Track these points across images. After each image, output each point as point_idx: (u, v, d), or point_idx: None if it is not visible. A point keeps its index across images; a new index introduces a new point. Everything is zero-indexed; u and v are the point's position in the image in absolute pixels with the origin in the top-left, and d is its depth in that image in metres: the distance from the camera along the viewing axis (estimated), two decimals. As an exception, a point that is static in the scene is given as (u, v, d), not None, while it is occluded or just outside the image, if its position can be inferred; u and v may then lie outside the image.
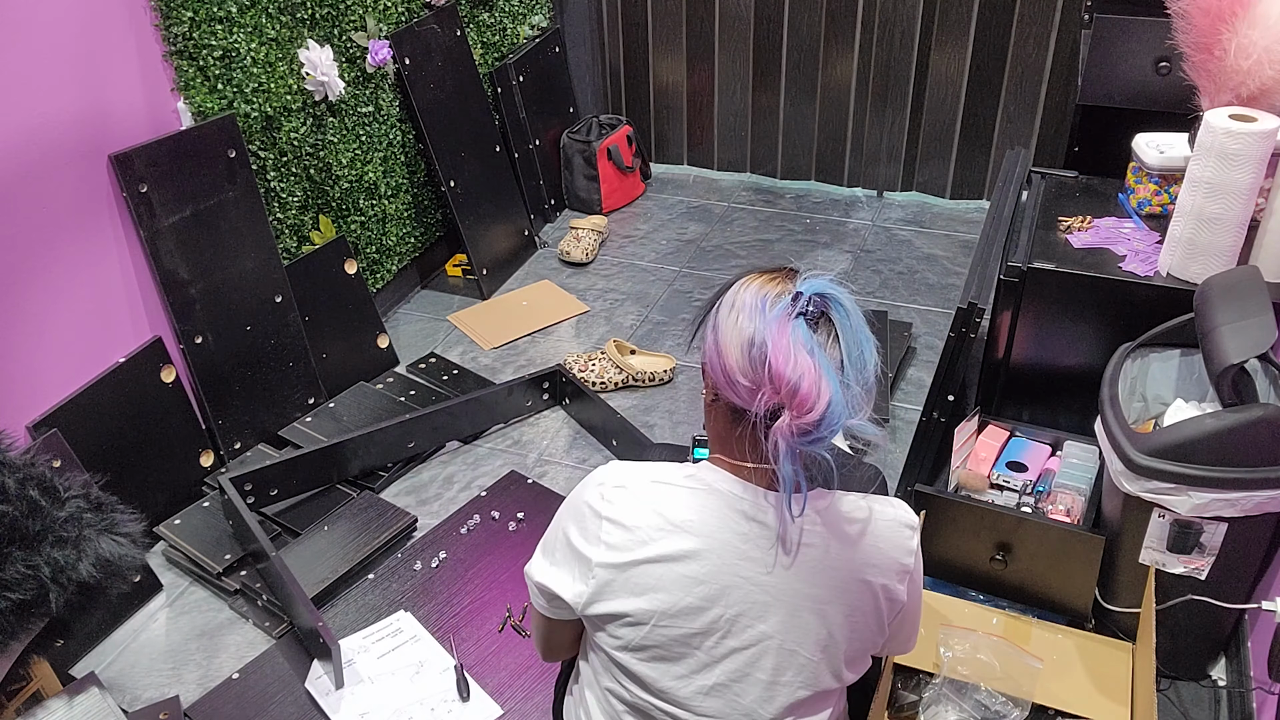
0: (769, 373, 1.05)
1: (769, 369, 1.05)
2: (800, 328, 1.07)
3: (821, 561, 1.13)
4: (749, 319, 1.09)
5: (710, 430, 1.21)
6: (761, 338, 1.07)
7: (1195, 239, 1.78)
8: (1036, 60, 3.05)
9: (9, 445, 1.52)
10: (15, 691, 1.59)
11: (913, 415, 2.35)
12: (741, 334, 1.09)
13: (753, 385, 1.07)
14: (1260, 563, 1.65)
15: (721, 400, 1.14)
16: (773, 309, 1.08)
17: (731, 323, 1.11)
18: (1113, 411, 1.64)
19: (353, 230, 2.66)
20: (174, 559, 2.09)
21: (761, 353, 1.06)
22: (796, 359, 1.04)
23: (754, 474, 1.14)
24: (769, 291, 1.12)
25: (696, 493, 1.15)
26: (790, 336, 1.06)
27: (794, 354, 1.05)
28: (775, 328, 1.06)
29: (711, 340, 1.14)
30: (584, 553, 1.14)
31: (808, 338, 1.07)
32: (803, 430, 1.04)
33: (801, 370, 1.04)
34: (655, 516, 1.13)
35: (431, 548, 2.07)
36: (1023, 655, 1.65)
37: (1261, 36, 1.75)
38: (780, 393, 1.05)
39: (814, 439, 1.05)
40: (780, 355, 1.05)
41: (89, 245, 1.98)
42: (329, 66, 2.41)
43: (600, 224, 3.22)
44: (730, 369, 1.09)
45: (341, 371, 2.55)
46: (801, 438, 1.04)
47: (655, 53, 3.51)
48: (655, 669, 1.15)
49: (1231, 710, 1.68)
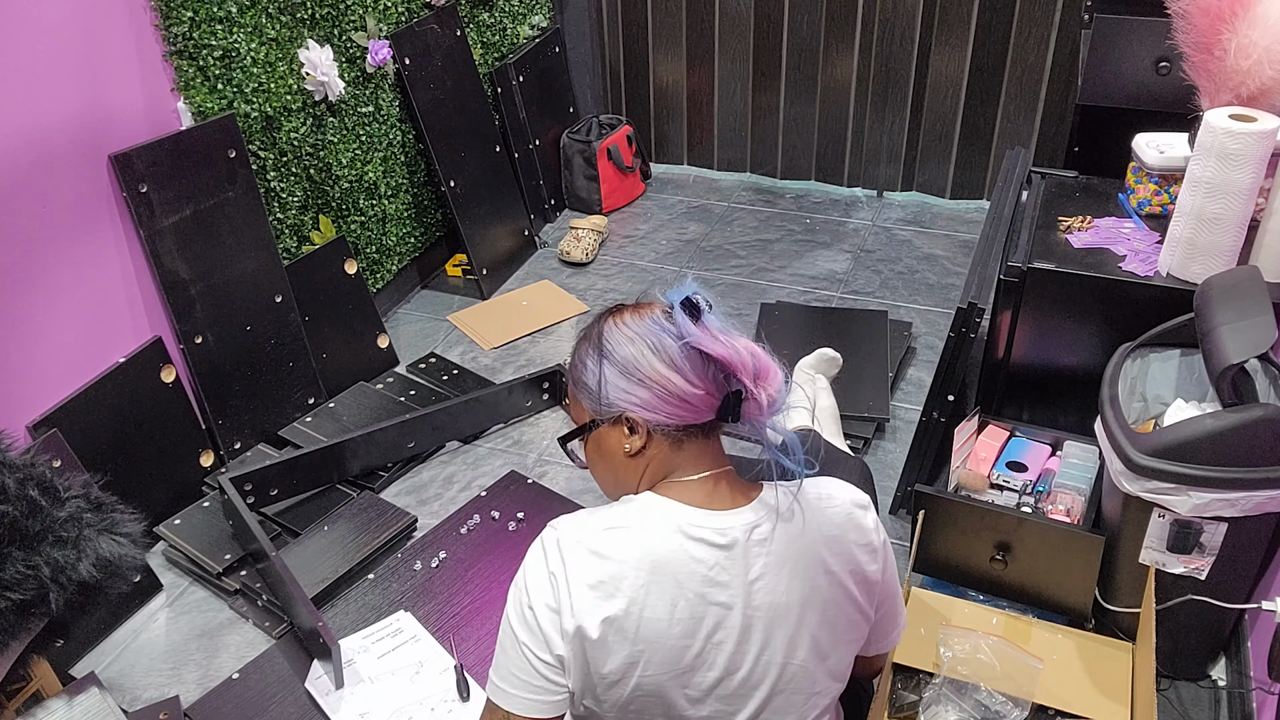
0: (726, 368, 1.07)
1: (722, 365, 1.07)
2: (712, 320, 1.09)
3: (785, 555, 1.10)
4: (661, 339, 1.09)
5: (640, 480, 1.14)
6: (689, 345, 1.07)
7: (1195, 239, 1.78)
8: (1036, 60, 3.05)
9: (9, 445, 1.52)
10: (15, 691, 1.60)
11: (913, 415, 2.35)
12: (666, 352, 1.08)
13: (704, 390, 1.07)
14: (1260, 563, 1.65)
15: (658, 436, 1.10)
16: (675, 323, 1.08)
17: (646, 356, 1.09)
18: (1113, 411, 1.64)
19: (353, 230, 2.66)
20: (174, 559, 2.09)
21: (696, 361, 1.07)
22: (733, 341, 1.07)
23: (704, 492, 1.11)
24: (650, 314, 1.12)
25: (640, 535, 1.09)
26: (714, 329, 1.08)
27: (727, 339, 1.07)
28: (694, 331, 1.07)
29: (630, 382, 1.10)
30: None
31: (723, 323, 1.10)
32: (771, 400, 1.07)
33: (746, 348, 1.08)
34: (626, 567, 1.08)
35: (431, 548, 2.07)
36: (1023, 655, 1.65)
37: (1261, 36, 1.75)
38: (745, 376, 1.07)
39: (777, 407, 1.08)
40: (723, 348, 1.06)
41: (89, 245, 1.98)
42: (329, 66, 2.41)
43: (600, 224, 3.22)
44: (676, 389, 1.07)
45: (341, 371, 2.55)
46: (770, 408, 1.08)
47: (655, 53, 3.51)
48: None
49: (1231, 710, 1.68)
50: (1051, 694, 1.60)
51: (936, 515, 1.77)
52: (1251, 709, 1.62)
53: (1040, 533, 1.71)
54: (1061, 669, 1.65)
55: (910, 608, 1.76)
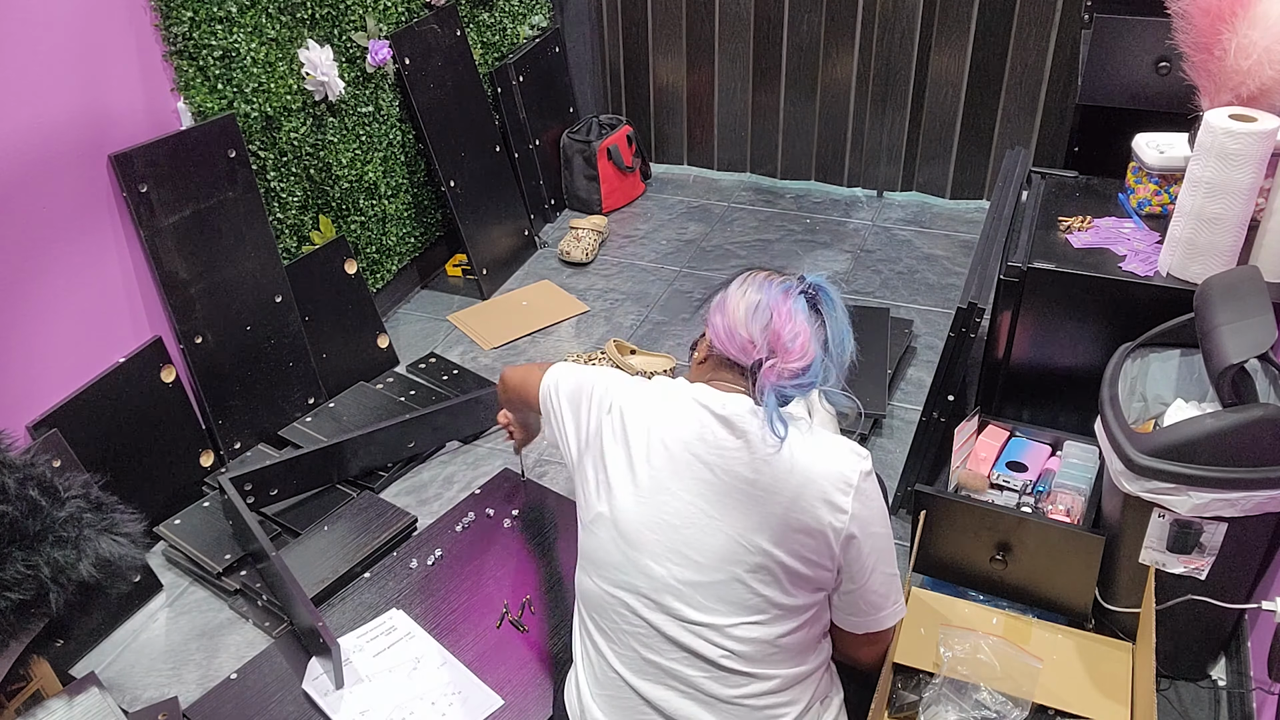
0: (770, 329, 1.28)
1: (770, 326, 1.29)
2: (801, 302, 1.31)
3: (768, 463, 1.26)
4: (756, 290, 1.33)
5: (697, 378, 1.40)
6: (767, 303, 1.30)
7: (1195, 239, 1.78)
8: (1036, 60, 3.05)
9: (9, 445, 1.52)
10: (15, 691, 1.60)
11: (913, 415, 2.35)
12: (748, 300, 1.32)
13: (750, 339, 1.30)
14: (1260, 563, 1.65)
15: (713, 357, 1.37)
16: (778, 286, 1.33)
17: (741, 293, 1.34)
18: (1113, 411, 1.64)
19: (353, 230, 2.66)
20: (174, 559, 2.09)
21: (765, 315, 1.29)
22: (795, 322, 1.29)
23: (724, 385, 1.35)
24: (775, 278, 1.35)
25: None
26: (791, 305, 1.30)
27: (793, 318, 1.29)
28: (780, 297, 1.31)
29: (719, 305, 1.36)
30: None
31: (805, 310, 1.31)
32: (788, 374, 1.27)
33: (798, 331, 1.28)
34: None
35: (427, 546, 2.07)
36: (1023, 655, 1.64)
37: (1261, 36, 1.75)
38: (775, 346, 1.28)
39: (795, 383, 1.27)
40: (782, 317, 1.29)
41: (89, 245, 1.98)
42: (329, 66, 2.41)
43: (600, 224, 3.22)
44: (733, 325, 1.32)
45: (341, 371, 2.55)
46: (782, 380, 1.27)
47: (655, 53, 3.51)
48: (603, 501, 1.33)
49: (1231, 710, 1.68)
50: (1051, 694, 1.60)
51: (936, 515, 1.77)
52: (1251, 709, 1.62)
53: (1040, 533, 1.71)
54: (1061, 669, 1.65)
55: (910, 608, 1.76)
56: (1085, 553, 1.68)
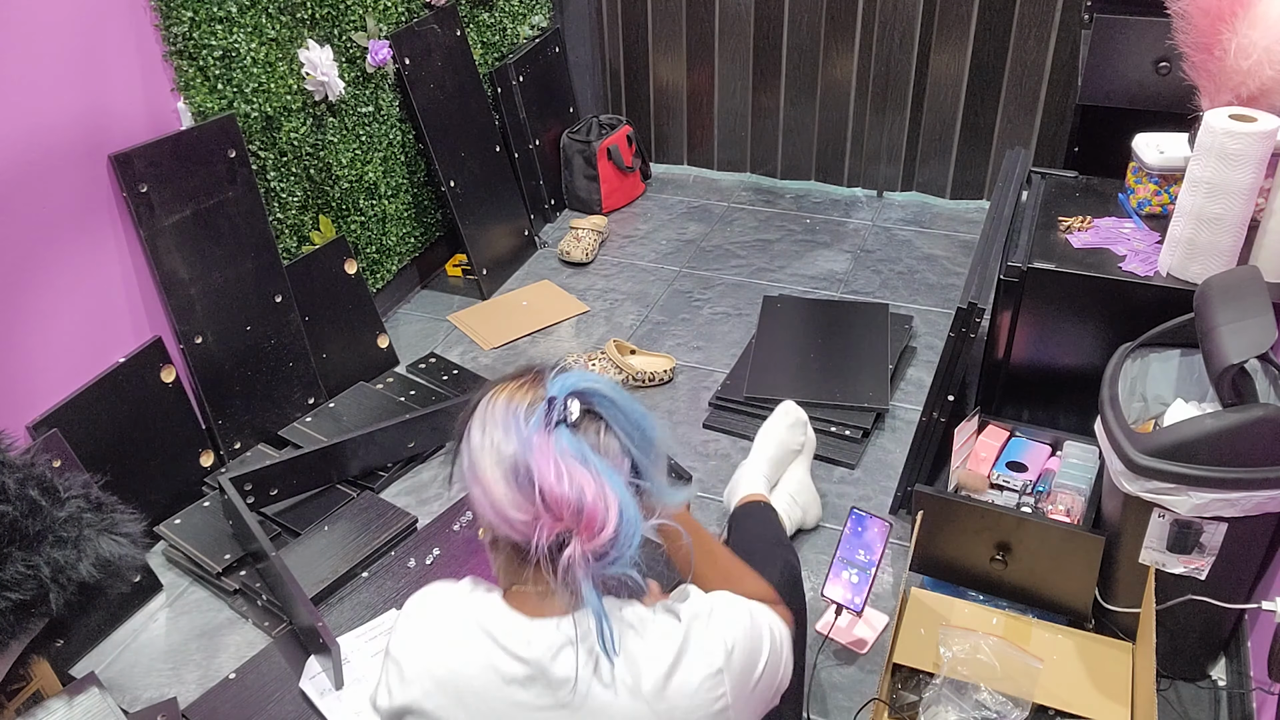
0: (543, 498, 0.92)
1: (541, 493, 0.92)
2: (564, 436, 0.95)
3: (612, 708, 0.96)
4: (506, 439, 0.96)
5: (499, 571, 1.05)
6: (524, 459, 0.94)
7: (1195, 239, 1.78)
8: (1036, 60, 3.05)
9: (9, 445, 1.52)
10: (15, 691, 1.59)
11: (913, 415, 2.35)
12: (502, 459, 0.96)
13: (529, 516, 0.94)
14: (1260, 563, 1.65)
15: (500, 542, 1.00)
16: (528, 422, 0.96)
17: (488, 448, 0.97)
18: (1113, 411, 1.64)
19: (353, 230, 2.66)
20: (174, 559, 2.09)
21: (526, 477, 0.93)
22: (570, 474, 0.92)
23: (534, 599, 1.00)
24: (519, 402, 0.99)
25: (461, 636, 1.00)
26: (556, 450, 0.93)
27: (565, 469, 0.92)
28: (536, 443, 0.94)
29: (471, 477, 0.99)
30: None
31: (576, 446, 0.94)
32: (598, 554, 0.93)
33: (580, 485, 0.92)
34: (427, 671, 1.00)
35: (425, 545, 2.07)
36: (1023, 655, 1.65)
37: (1261, 36, 1.75)
38: (563, 518, 0.92)
39: (613, 560, 0.94)
40: (550, 474, 0.92)
41: (89, 245, 1.98)
42: (329, 66, 2.41)
43: (600, 224, 3.22)
44: (499, 503, 0.95)
45: (341, 371, 2.55)
46: (599, 563, 0.93)
47: (655, 53, 3.51)
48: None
49: (1231, 710, 1.68)
50: (1051, 694, 1.60)
51: (936, 515, 1.77)
52: (1251, 709, 1.62)
53: (1040, 533, 1.71)
54: (1061, 669, 1.65)
55: (910, 608, 1.76)
56: (1085, 553, 1.68)
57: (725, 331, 2.75)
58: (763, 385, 2.44)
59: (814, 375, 2.47)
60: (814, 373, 2.48)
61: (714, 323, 2.79)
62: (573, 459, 0.94)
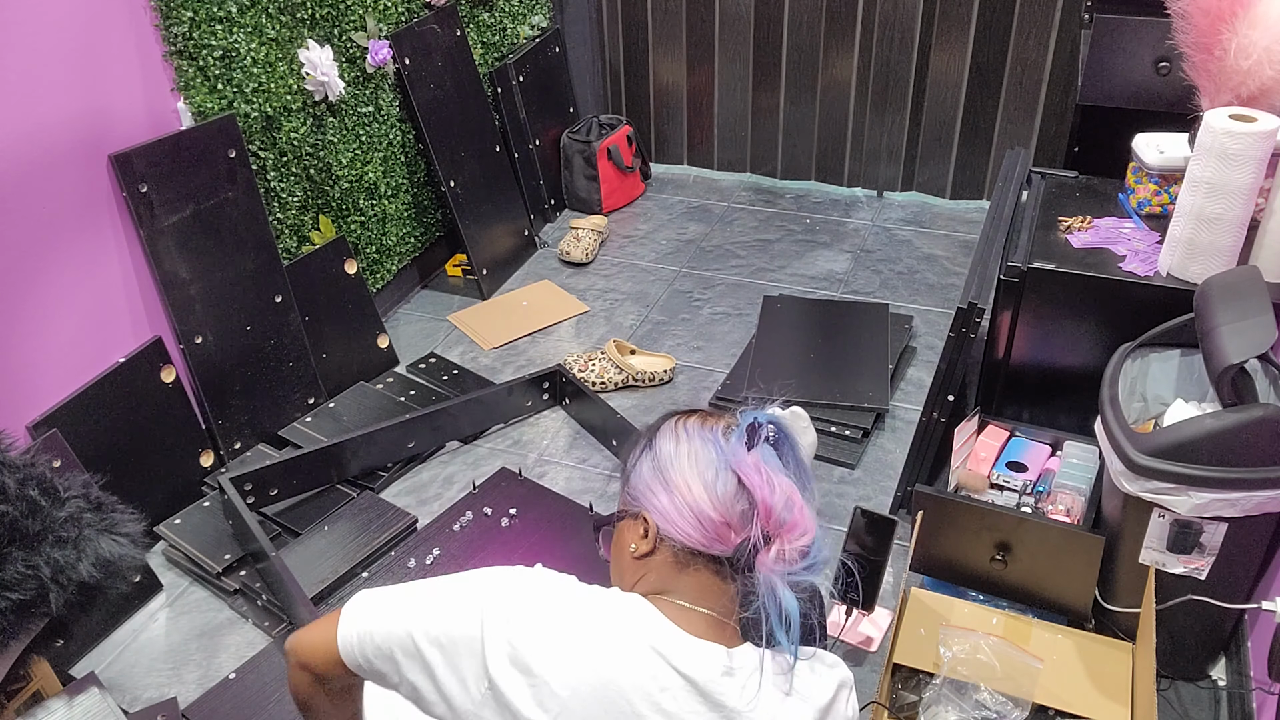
0: (750, 504, 0.99)
1: (749, 500, 0.99)
2: (770, 454, 1.02)
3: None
4: (706, 452, 1.02)
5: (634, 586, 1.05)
6: (728, 470, 1.00)
7: (1195, 239, 1.78)
8: (1036, 60, 3.05)
9: (9, 445, 1.52)
10: (15, 691, 1.59)
11: (913, 415, 2.35)
12: (702, 470, 1.01)
13: (726, 520, 0.99)
14: (1260, 563, 1.65)
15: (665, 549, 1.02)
16: (729, 441, 1.03)
17: (685, 461, 1.03)
18: (1113, 411, 1.64)
19: (353, 230, 2.66)
20: (174, 559, 2.09)
21: (730, 486, 0.99)
22: (777, 483, 0.99)
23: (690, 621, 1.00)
24: (714, 425, 1.06)
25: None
26: (765, 463, 1.01)
27: (773, 479, 0.99)
28: (743, 457, 1.00)
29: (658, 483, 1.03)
30: None
31: (779, 463, 1.02)
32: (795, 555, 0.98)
33: (787, 493, 0.99)
34: None
35: (425, 545, 2.07)
36: (1023, 655, 1.65)
37: (1261, 36, 1.75)
38: (770, 520, 0.98)
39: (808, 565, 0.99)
40: (761, 482, 0.99)
41: (89, 245, 1.98)
42: (329, 66, 2.41)
43: (600, 224, 3.22)
44: (698, 506, 1.00)
45: (341, 371, 2.55)
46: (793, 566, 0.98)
47: (655, 53, 3.51)
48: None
49: (1231, 710, 1.68)
50: (1051, 694, 1.60)
51: (936, 515, 1.77)
52: (1251, 709, 1.62)
53: (1040, 533, 1.71)
54: (1061, 669, 1.65)
55: (910, 608, 1.76)
56: (1085, 553, 1.68)
57: (725, 331, 2.75)
58: (763, 385, 2.44)
59: (814, 375, 2.47)
60: (814, 373, 2.48)
61: (714, 323, 2.79)
62: (777, 469, 1.01)
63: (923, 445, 2.03)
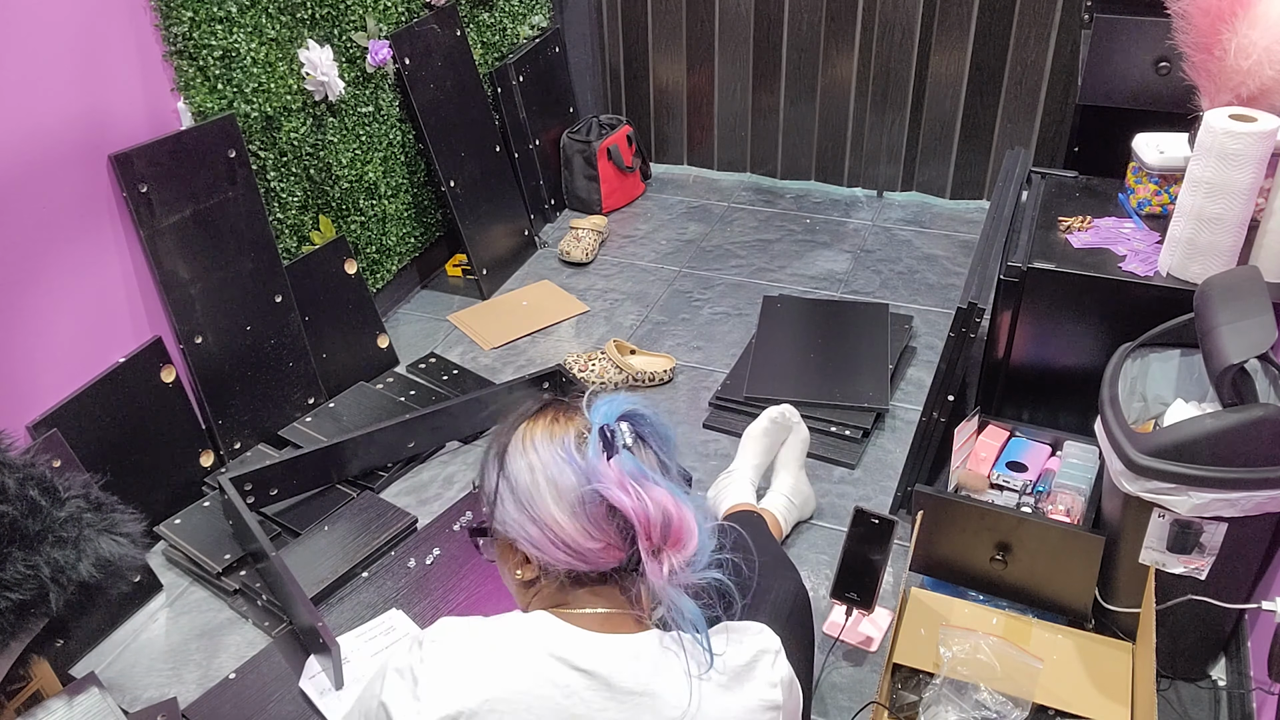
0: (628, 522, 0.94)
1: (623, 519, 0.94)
2: (627, 461, 0.96)
3: None
4: (562, 473, 0.96)
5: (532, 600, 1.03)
6: (591, 490, 0.94)
7: (1195, 239, 1.78)
8: (1036, 60, 3.05)
9: (9, 445, 1.52)
10: (15, 691, 1.59)
11: (913, 415, 2.35)
12: (563, 493, 0.96)
13: (605, 542, 0.96)
14: (1260, 563, 1.65)
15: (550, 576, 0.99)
16: (582, 453, 0.96)
17: (543, 489, 0.97)
18: (1113, 411, 1.64)
19: (353, 230, 2.66)
20: (174, 559, 2.09)
21: (599, 507, 0.94)
22: (647, 496, 0.94)
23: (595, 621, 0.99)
24: (563, 435, 0.99)
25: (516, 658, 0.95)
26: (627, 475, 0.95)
27: (642, 492, 0.94)
28: (603, 470, 0.94)
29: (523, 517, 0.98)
30: None
31: (639, 468, 0.96)
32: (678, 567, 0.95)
33: (661, 503, 0.94)
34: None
35: (425, 545, 2.07)
36: (1023, 655, 1.65)
37: (1261, 36, 1.75)
38: (649, 539, 0.94)
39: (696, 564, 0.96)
40: (629, 501, 0.93)
41: (89, 245, 1.98)
42: (329, 66, 2.41)
43: (600, 224, 3.22)
44: (569, 536, 0.95)
45: (341, 371, 2.55)
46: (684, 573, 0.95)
47: (655, 53, 3.51)
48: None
49: (1231, 710, 1.68)
50: (1051, 694, 1.60)
51: (936, 515, 1.77)
52: (1251, 709, 1.62)
53: (1040, 533, 1.71)
54: (1061, 669, 1.65)
55: (910, 608, 1.76)
56: (1085, 553, 1.68)
57: (725, 331, 2.75)
58: (762, 385, 2.44)
59: (814, 375, 2.47)
60: (814, 373, 2.48)
61: (714, 323, 2.79)
62: (644, 480, 0.96)
63: (923, 445, 2.03)
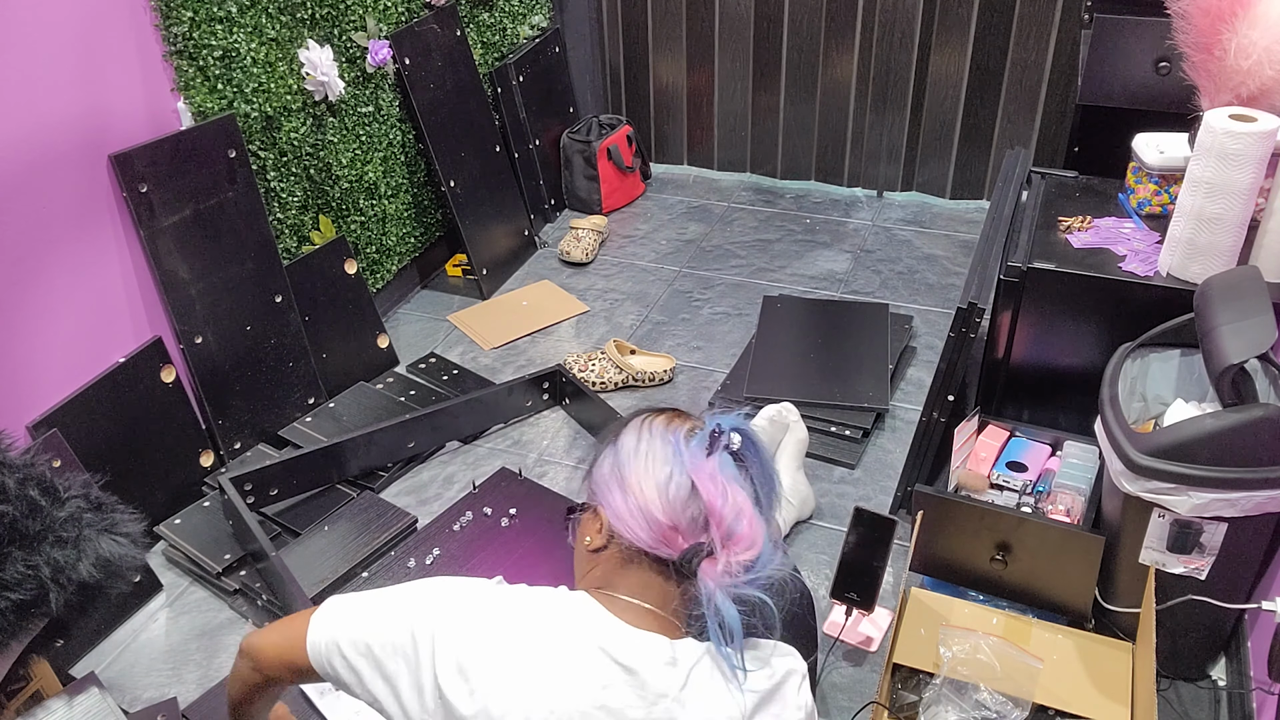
0: (702, 510, 1.00)
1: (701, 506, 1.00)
2: (728, 463, 1.03)
3: None
4: (664, 454, 1.04)
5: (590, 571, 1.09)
6: (684, 474, 1.01)
7: (1195, 239, 1.78)
8: (1036, 60, 3.05)
9: (9, 445, 1.52)
10: (15, 691, 1.60)
11: (913, 415, 2.35)
12: (657, 472, 1.03)
13: (674, 525, 1.01)
14: (1260, 563, 1.65)
15: (615, 545, 1.05)
16: (689, 445, 1.03)
17: (642, 461, 1.04)
18: (1113, 411, 1.64)
19: (353, 230, 2.66)
20: (174, 559, 2.09)
21: (683, 491, 1.01)
22: (731, 494, 1.00)
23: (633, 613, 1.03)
24: (678, 428, 1.07)
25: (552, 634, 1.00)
26: (718, 470, 1.01)
27: (728, 489, 1.00)
28: (700, 463, 1.01)
29: (614, 481, 1.05)
30: None
31: (736, 472, 1.03)
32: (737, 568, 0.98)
33: (739, 505, 1.00)
34: None
35: (425, 545, 2.07)
36: (1023, 655, 1.65)
37: (1261, 36, 1.75)
38: (718, 530, 0.99)
39: (751, 579, 0.99)
40: (714, 491, 0.99)
41: (89, 245, 1.98)
42: (329, 66, 2.41)
43: (600, 224, 3.22)
44: (648, 508, 1.01)
45: (341, 371, 2.55)
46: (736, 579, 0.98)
47: (655, 53, 3.51)
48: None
49: (1231, 710, 1.68)
50: (1051, 694, 1.60)
51: (936, 515, 1.77)
52: (1251, 709, 1.62)
53: (1040, 533, 1.71)
54: (1061, 669, 1.65)
55: (910, 608, 1.76)
56: (1085, 553, 1.68)
57: (725, 331, 2.75)
58: (762, 385, 2.44)
59: (814, 375, 2.47)
60: (814, 373, 2.48)
61: (714, 323, 2.79)
62: (734, 482, 1.01)
63: (923, 445, 2.03)
